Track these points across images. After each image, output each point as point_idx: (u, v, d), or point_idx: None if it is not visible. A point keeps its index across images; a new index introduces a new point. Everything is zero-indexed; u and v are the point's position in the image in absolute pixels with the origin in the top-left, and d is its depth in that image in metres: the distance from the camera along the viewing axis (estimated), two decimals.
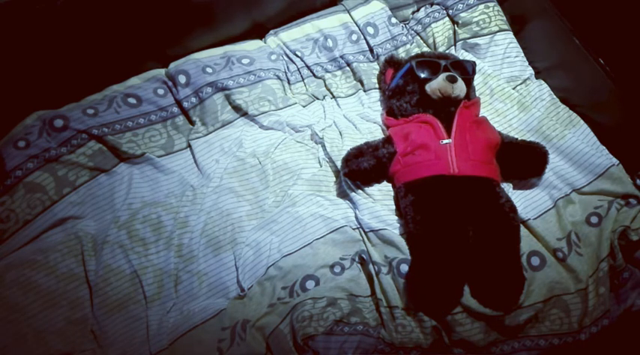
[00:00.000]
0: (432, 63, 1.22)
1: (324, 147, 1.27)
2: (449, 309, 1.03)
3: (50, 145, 1.15)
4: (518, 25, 1.43)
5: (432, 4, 1.49)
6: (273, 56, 1.41)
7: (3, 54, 1.14)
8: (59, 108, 1.25)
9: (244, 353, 1.00)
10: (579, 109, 1.30)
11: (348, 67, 1.42)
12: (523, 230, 1.12)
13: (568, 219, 1.16)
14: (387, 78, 1.31)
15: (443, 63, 1.21)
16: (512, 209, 1.09)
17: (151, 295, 1.08)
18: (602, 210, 1.16)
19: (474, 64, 1.25)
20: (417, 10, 1.51)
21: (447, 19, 1.46)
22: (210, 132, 1.30)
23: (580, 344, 1.03)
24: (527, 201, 1.19)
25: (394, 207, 1.19)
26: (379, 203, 1.19)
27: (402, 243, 1.11)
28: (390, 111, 1.27)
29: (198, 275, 1.11)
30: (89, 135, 1.20)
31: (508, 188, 1.21)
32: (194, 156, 1.28)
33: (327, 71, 1.43)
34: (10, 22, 1.11)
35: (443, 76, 1.18)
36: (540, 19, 1.39)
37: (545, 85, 1.36)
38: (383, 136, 1.26)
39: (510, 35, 1.43)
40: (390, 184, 1.22)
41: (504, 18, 1.44)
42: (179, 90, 1.32)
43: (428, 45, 1.46)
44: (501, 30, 1.42)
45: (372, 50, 1.43)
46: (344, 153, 1.19)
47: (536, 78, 1.39)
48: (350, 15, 1.44)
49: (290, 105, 1.35)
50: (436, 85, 1.19)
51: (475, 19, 1.42)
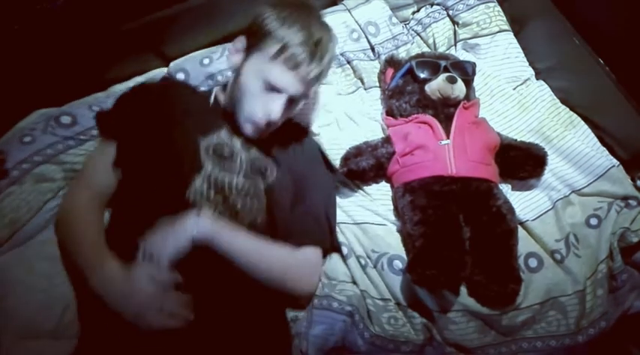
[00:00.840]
0: (432, 63, 1.22)
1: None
2: (453, 281, 1.02)
3: (57, 140, 1.16)
4: (518, 26, 1.43)
5: (432, 4, 1.48)
6: None
7: (3, 54, 1.14)
8: (61, 105, 1.25)
9: None
10: (579, 110, 1.30)
11: (348, 65, 1.42)
12: (521, 231, 1.12)
13: (567, 220, 1.16)
14: (386, 78, 1.31)
15: (443, 63, 1.21)
16: (510, 210, 1.09)
17: None
18: (601, 212, 1.16)
19: (473, 64, 1.25)
20: (418, 11, 1.50)
21: (447, 19, 1.46)
22: None
23: (577, 345, 1.03)
24: (525, 203, 1.19)
25: (392, 206, 1.19)
26: (377, 202, 1.20)
27: (393, 238, 1.12)
28: (390, 111, 1.27)
29: None
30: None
31: (507, 189, 1.21)
32: None
33: None
34: (10, 22, 1.11)
35: (442, 77, 1.18)
36: (540, 19, 1.38)
37: (546, 86, 1.36)
38: (383, 135, 1.26)
39: (510, 35, 1.42)
40: (389, 184, 1.22)
41: (504, 18, 1.43)
42: None
43: (428, 45, 1.46)
44: (501, 30, 1.41)
45: (373, 49, 1.43)
46: (342, 152, 1.20)
47: (537, 78, 1.39)
48: (351, 14, 1.44)
49: None
50: (436, 86, 1.19)
51: (475, 19, 1.41)
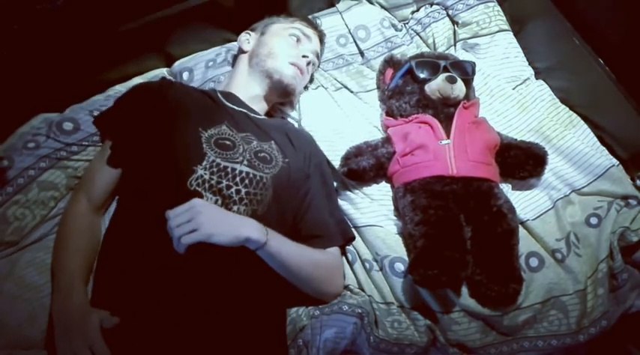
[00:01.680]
0: (432, 63, 1.22)
1: None
2: (455, 281, 1.01)
3: (60, 146, 1.17)
4: (518, 25, 1.43)
5: (431, 4, 1.49)
6: None
7: (3, 54, 1.14)
8: (61, 107, 1.26)
9: None
10: (579, 110, 1.30)
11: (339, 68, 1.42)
12: (522, 231, 1.12)
13: (567, 219, 1.16)
14: (386, 78, 1.31)
15: (442, 63, 1.21)
16: (511, 210, 1.09)
17: None
18: (601, 211, 1.16)
19: (473, 64, 1.25)
20: (417, 10, 1.50)
21: (446, 19, 1.46)
22: None
23: (578, 345, 1.03)
24: (526, 202, 1.19)
25: (392, 207, 1.19)
26: (377, 202, 1.19)
27: (395, 241, 1.12)
28: (390, 112, 1.27)
29: None
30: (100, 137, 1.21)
31: (507, 189, 1.21)
32: None
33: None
34: (10, 22, 1.11)
35: (442, 77, 1.18)
36: (540, 19, 1.38)
37: (545, 86, 1.36)
38: (382, 137, 1.26)
39: (510, 35, 1.42)
40: (389, 184, 1.22)
41: (504, 18, 1.43)
42: None
43: (427, 45, 1.46)
44: (501, 30, 1.42)
45: (362, 54, 1.43)
46: (340, 152, 1.20)
47: (536, 78, 1.39)
48: (342, 17, 1.44)
49: None
50: (435, 86, 1.19)
51: (475, 19, 1.42)
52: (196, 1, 1.27)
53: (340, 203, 1.21)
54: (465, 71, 1.23)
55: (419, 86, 1.22)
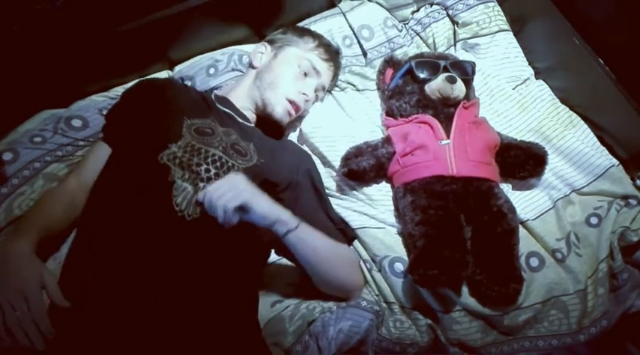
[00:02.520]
0: (432, 63, 1.22)
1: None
2: (455, 280, 1.01)
3: (68, 141, 1.19)
4: (518, 25, 1.43)
5: (431, 4, 1.48)
6: None
7: (3, 54, 1.14)
8: (61, 107, 1.26)
9: None
10: (579, 110, 1.30)
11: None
12: (522, 231, 1.12)
13: (567, 219, 1.16)
14: (386, 78, 1.31)
15: (442, 63, 1.21)
16: (511, 210, 1.09)
17: None
18: (601, 211, 1.16)
19: (473, 64, 1.25)
20: (417, 10, 1.50)
21: (446, 19, 1.46)
22: None
23: (579, 344, 1.03)
24: (526, 202, 1.19)
25: (392, 207, 1.19)
26: (377, 203, 1.20)
27: (393, 241, 1.12)
28: (390, 112, 1.26)
29: None
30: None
31: (507, 189, 1.20)
32: None
33: None
34: (10, 22, 1.11)
35: (442, 77, 1.18)
36: (540, 19, 1.38)
37: (545, 86, 1.36)
38: (382, 137, 1.26)
39: (510, 35, 1.42)
40: (389, 185, 1.22)
41: (504, 18, 1.43)
42: None
43: (427, 45, 1.46)
44: (501, 30, 1.41)
45: (365, 54, 1.43)
46: (341, 153, 1.20)
47: (536, 78, 1.39)
48: (345, 18, 1.44)
49: None
50: (435, 86, 1.19)
51: (475, 19, 1.41)
52: (196, 1, 1.27)
53: (339, 203, 1.21)
54: (465, 71, 1.23)
55: (419, 86, 1.22)
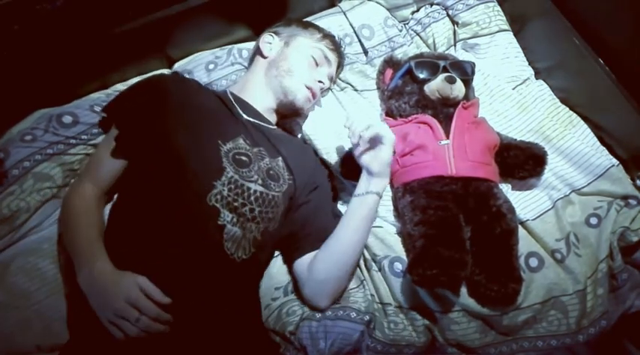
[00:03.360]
0: (431, 63, 1.22)
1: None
2: (454, 280, 1.01)
3: (59, 139, 1.17)
4: (518, 25, 1.43)
5: (431, 4, 1.48)
6: None
7: (3, 54, 1.14)
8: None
9: None
10: (579, 110, 1.30)
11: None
12: (521, 231, 1.12)
13: (567, 219, 1.16)
14: (385, 78, 1.31)
15: (442, 63, 1.21)
16: (510, 210, 1.09)
17: None
18: (601, 211, 1.16)
19: (473, 64, 1.25)
20: (417, 10, 1.50)
21: (446, 19, 1.46)
22: None
23: (578, 345, 1.03)
24: (525, 202, 1.19)
25: (392, 207, 1.19)
26: None
27: (394, 241, 1.12)
28: (389, 112, 1.27)
29: None
30: (99, 131, 1.21)
31: (507, 189, 1.21)
32: None
33: None
34: (10, 22, 1.11)
35: (441, 77, 1.18)
36: (540, 19, 1.38)
37: (545, 86, 1.36)
38: None
39: (510, 35, 1.42)
40: (389, 184, 1.21)
41: (504, 18, 1.43)
42: None
43: (427, 45, 1.46)
44: (501, 30, 1.41)
45: (366, 52, 1.43)
46: (340, 154, 1.20)
47: (536, 78, 1.39)
48: (346, 17, 1.44)
49: None
50: (435, 86, 1.19)
51: (475, 19, 1.41)
52: (196, 1, 1.27)
53: (339, 203, 1.21)
54: (465, 71, 1.23)
55: (418, 86, 1.22)
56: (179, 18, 1.27)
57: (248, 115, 1.17)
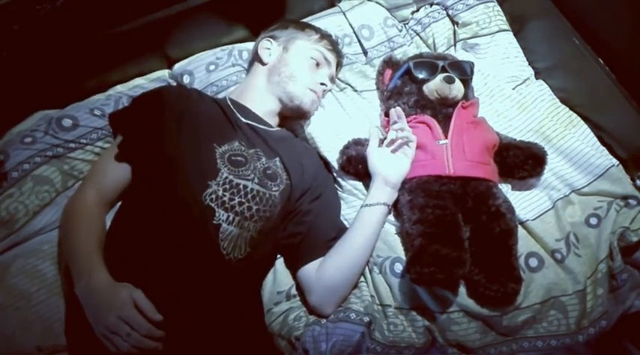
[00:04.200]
0: (430, 64, 1.22)
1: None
2: (452, 279, 1.01)
3: (58, 142, 1.17)
4: (518, 25, 1.43)
5: (431, 4, 1.48)
6: None
7: (3, 54, 1.14)
8: (61, 108, 1.26)
9: None
10: (579, 110, 1.29)
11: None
12: (521, 231, 1.11)
13: (567, 219, 1.15)
14: (385, 78, 1.31)
15: (441, 64, 1.21)
16: (510, 209, 1.09)
17: None
18: (601, 211, 1.15)
19: (472, 64, 1.25)
20: (417, 10, 1.50)
21: (446, 19, 1.46)
22: None
23: (578, 345, 1.02)
24: (525, 202, 1.18)
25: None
26: None
27: (396, 241, 1.12)
28: (388, 112, 1.26)
29: None
30: (98, 136, 1.22)
31: (507, 189, 1.20)
32: None
33: None
34: (10, 22, 1.12)
35: (440, 77, 1.18)
36: (540, 19, 1.38)
37: (545, 86, 1.35)
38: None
39: (510, 35, 1.42)
40: None
41: (504, 18, 1.43)
42: None
43: (427, 45, 1.46)
44: (501, 30, 1.41)
45: (365, 53, 1.43)
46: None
47: (536, 78, 1.38)
48: (345, 17, 1.44)
49: None
50: (433, 86, 1.19)
51: (475, 19, 1.41)
52: (196, 1, 1.28)
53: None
54: (464, 71, 1.23)
55: (417, 87, 1.22)
56: (179, 18, 1.28)
57: (246, 119, 1.18)
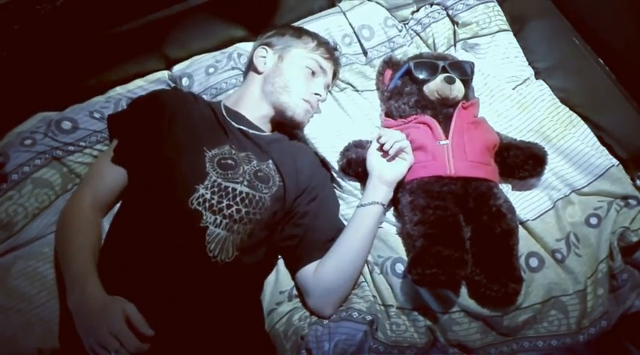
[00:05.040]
0: (430, 64, 1.22)
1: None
2: (454, 280, 1.01)
3: (58, 145, 1.17)
4: (518, 25, 1.43)
5: (431, 4, 1.48)
6: None
7: (3, 54, 1.14)
8: (61, 108, 1.26)
9: None
10: (579, 110, 1.30)
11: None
12: (522, 231, 1.12)
13: (567, 219, 1.16)
14: (385, 79, 1.31)
15: (441, 64, 1.21)
16: (510, 210, 1.09)
17: None
18: (601, 211, 1.16)
19: (472, 64, 1.25)
20: (417, 11, 1.50)
21: (446, 19, 1.46)
22: None
23: (578, 345, 1.03)
24: (526, 202, 1.18)
25: (392, 207, 1.19)
26: None
27: (397, 242, 1.12)
28: (389, 113, 1.26)
29: None
30: (97, 139, 1.22)
31: (507, 189, 1.20)
32: None
33: None
34: (10, 22, 1.11)
35: (441, 78, 1.18)
36: (540, 19, 1.38)
37: (546, 86, 1.35)
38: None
39: (510, 35, 1.42)
40: None
41: (504, 18, 1.43)
42: None
43: (427, 45, 1.46)
44: (501, 30, 1.41)
45: (365, 53, 1.43)
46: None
47: (536, 78, 1.39)
48: (345, 17, 1.44)
49: None
50: (434, 86, 1.19)
51: (475, 19, 1.41)
52: (196, 1, 1.27)
53: (340, 203, 1.21)
54: (464, 71, 1.23)
55: (417, 87, 1.22)
56: (178, 18, 1.27)
57: (238, 124, 1.18)
